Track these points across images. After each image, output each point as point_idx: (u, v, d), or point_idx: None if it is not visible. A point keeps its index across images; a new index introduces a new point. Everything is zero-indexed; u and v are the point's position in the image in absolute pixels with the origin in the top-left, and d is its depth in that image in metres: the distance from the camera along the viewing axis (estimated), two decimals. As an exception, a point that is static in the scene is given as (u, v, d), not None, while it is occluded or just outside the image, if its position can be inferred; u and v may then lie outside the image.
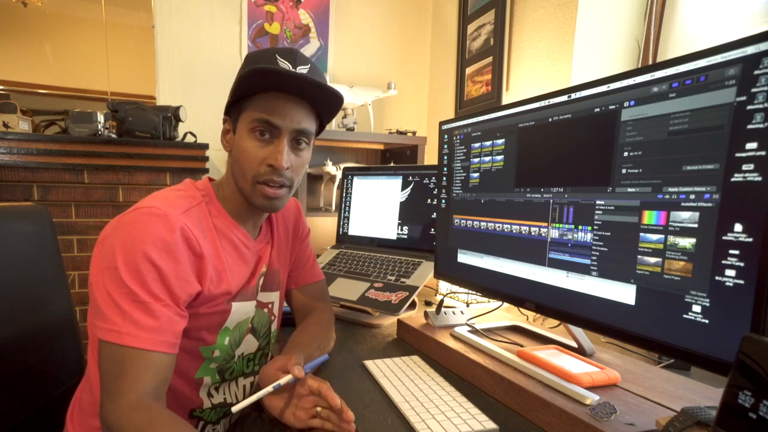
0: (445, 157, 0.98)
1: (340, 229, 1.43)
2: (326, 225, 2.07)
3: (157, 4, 1.76)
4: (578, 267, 0.67)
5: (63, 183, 1.43)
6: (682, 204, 0.53)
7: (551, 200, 0.71)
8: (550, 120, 0.71)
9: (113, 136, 1.52)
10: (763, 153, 0.45)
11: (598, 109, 0.64)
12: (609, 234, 0.62)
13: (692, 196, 0.52)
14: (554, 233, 0.71)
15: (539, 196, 0.73)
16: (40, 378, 0.79)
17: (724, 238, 0.48)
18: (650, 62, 1.30)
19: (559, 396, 0.59)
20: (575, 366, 0.66)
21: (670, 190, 0.54)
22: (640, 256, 0.58)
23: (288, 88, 0.65)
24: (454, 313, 0.94)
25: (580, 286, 0.67)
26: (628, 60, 1.35)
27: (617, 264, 0.61)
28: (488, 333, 0.86)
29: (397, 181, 1.29)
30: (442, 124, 0.99)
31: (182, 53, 1.81)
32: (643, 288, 0.57)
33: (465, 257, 0.92)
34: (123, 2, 1.73)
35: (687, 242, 0.52)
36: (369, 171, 1.39)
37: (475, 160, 0.88)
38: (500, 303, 0.95)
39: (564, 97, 0.69)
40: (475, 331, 0.85)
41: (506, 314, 1.03)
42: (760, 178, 0.45)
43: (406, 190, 1.27)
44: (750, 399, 0.35)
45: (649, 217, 0.56)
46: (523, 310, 1.06)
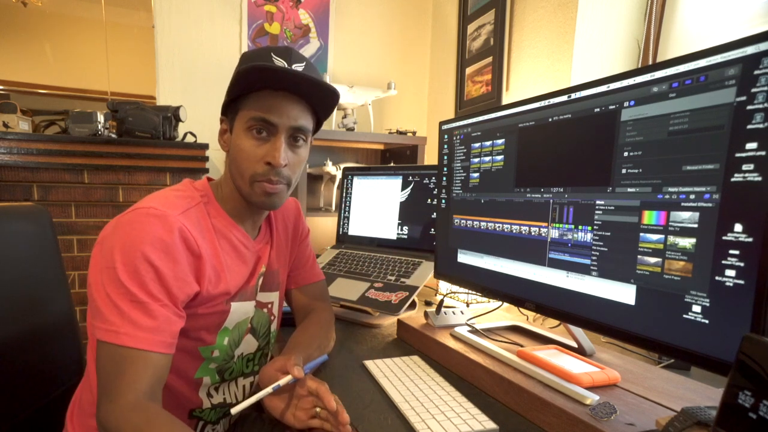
0: (445, 157, 0.98)
1: (340, 229, 1.43)
2: (326, 225, 2.07)
3: (157, 4, 1.76)
4: (578, 267, 0.67)
5: (63, 183, 1.43)
6: (682, 204, 0.53)
7: (551, 200, 0.71)
8: (550, 120, 0.71)
9: (113, 136, 1.52)
10: (763, 153, 0.45)
11: (598, 109, 0.64)
12: (609, 234, 0.62)
13: (692, 196, 0.52)
14: (554, 233, 0.71)
15: (539, 196, 0.73)
16: (40, 378, 0.79)
17: (724, 238, 0.48)
18: (650, 62, 1.30)
19: (559, 396, 0.59)
20: (575, 366, 0.66)
21: (670, 190, 0.54)
22: (640, 256, 0.58)
23: (284, 86, 0.65)
24: (454, 313, 0.94)
25: (580, 286, 0.67)
26: (628, 60, 1.35)
27: (617, 264, 0.61)
28: (488, 333, 0.86)
29: (397, 181, 1.29)
30: (442, 124, 0.99)
31: (182, 53, 1.81)
32: (643, 288, 0.57)
33: (465, 257, 0.92)
34: (123, 2, 1.73)
35: (687, 242, 0.52)
36: (369, 171, 1.39)
37: (475, 160, 0.88)
38: (500, 303, 0.95)
39: (564, 97, 0.69)
40: (475, 331, 0.85)
41: (506, 314, 1.03)
42: (760, 178, 0.45)
43: (406, 190, 1.27)
44: (750, 399, 0.35)
45: (649, 217, 0.56)
46: (523, 310, 1.06)
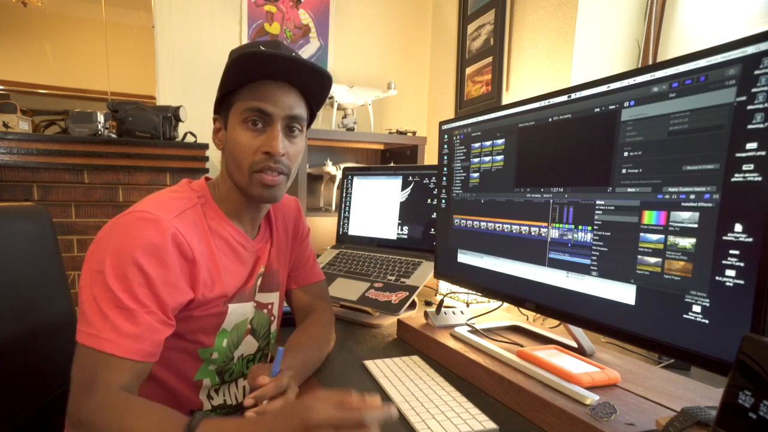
0: (445, 157, 0.98)
1: (340, 229, 1.43)
2: (326, 225, 2.07)
3: (157, 4, 1.76)
4: (578, 267, 0.67)
5: (63, 183, 1.43)
6: (682, 204, 0.53)
7: (551, 200, 0.71)
8: (550, 120, 0.71)
9: (113, 136, 1.52)
10: (763, 153, 0.45)
11: (598, 109, 0.64)
12: (609, 234, 0.62)
13: (692, 196, 0.52)
14: (554, 233, 0.71)
15: (539, 196, 0.73)
16: (40, 378, 0.79)
17: (724, 238, 0.48)
18: (650, 62, 1.30)
19: (559, 396, 0.59)
20: (575, 366, 0.66)
21: (670, 190, 0.54)
22: (640, 256, 0.58)
23: (275, 75, 0.65)
24: (454, 313, 0.94)
25: (580, 286, 0.67)
26: (628, 60, 1.35)
27: (617, 264, 0.61)
28: (488, 333, 0.86)
29: (397, 181, 1.29)
30: (442, 124, 0.99)
31: (182, 53, 1.81)
32: (643, 288, 0.57)
33: (465, 257, 0.92)
34: (123, 2, 1.73)
35: (687, 242, 0.52)
36: (369, 171, 1.39)
37: (475, 160, 0.88)
38: (500, 303, 0.95)
39: (564, 97, 0.69)
40: (475, 331, 0.85)
41: (506, 314, 1.03)
42: (760, 178, 0.45)
43: (406, 190, 1.27)
44: (750, 399, 0.35)
45: (649, 217, 0.56)
46: (523, 310, 1.06)
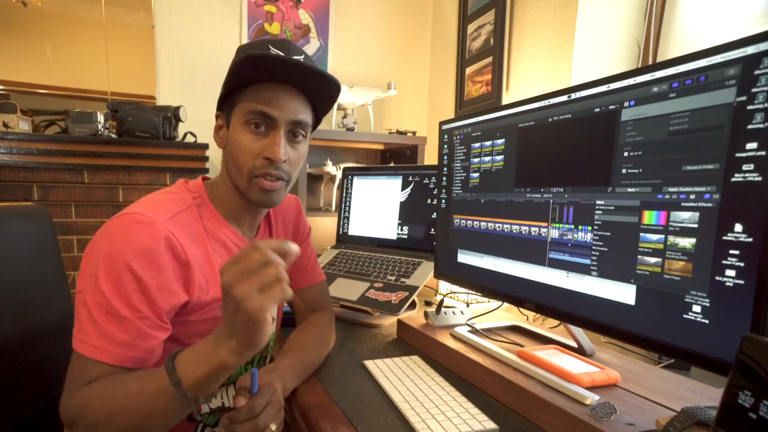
0: (445, 157, 0.98)
1: (340, 229, 1.43)
2: (326, 225, 2.07)
3: (157, 4, 1.76)
4: (578, 267, 0.67)
5: (63, 183, 1.43)
6: (682, 204, 0.53)
7: (551, 200, 0.71)
8: (550, 120, 0.71)
9: (113, 136, 1.52)
10: (763, 153, 0.45)
11: (598, 109, 0.64)
12: (609, 234, 0.62)
13: (692, 196, 0.52)
14: (554, 233, 0.71)
15: (539, 196, 0.73)
16: (40, 378, 0.79)
17: (724, 238, 0.48)
18: (650, 62, 1.30)
19: (559, 396, 0.59)
20: (575, 366, 0.66)
21: (670, 190, 0.54)
22: (640, 256, 0.58)
23: (282, 77, 0.63)
24: (454, 313, 0.94)
25: (580, 286, 0.67)
26: (628, 60, 1.35)
27: (617, 264, 0.61)
28: (488, 333, 0.86)
29: (397, 181, 1.29)
30: (442, 124, 0.99)
31: (182, 53, 1.81)
32: (643, 288, 0.57)
33: (465, 257, 0.92)
34: (123, 2, 1.73)
35: (687, 242, 0.52)
36: (369, 171, 1.39)
37: (475, 160, 0.88)
38: (500, 303, 0.95)
39: (564, 97, 0.69)
40: (475, 331, 0.85)
41: (506, 314, 1.03)
42: (760, 178, 0.45)
43: (406, 190, 1.27)
44: (750, 399, 0.35)
45: (649, 217, 0.56)
46: (523, 310, 1.06)
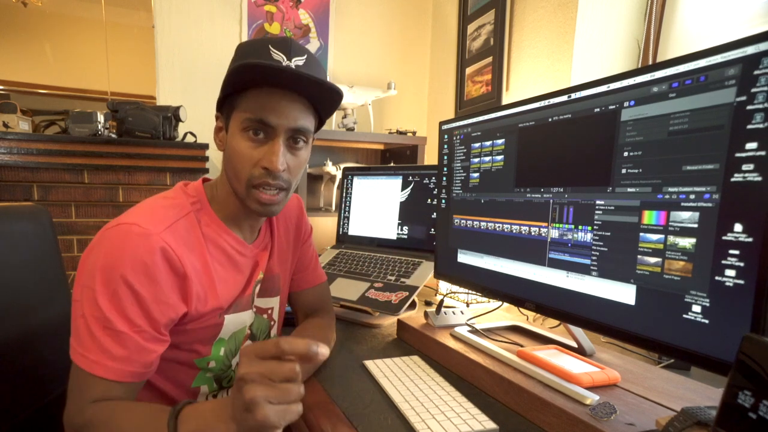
0: (445, 157, 0.98)
1: (340, 229, 1.43)
2: (326, 225, 2.07)
3: (157, 4, 1.76)
4: (578, 267, 0.67)
5: (63, 183, 1.43)
6: (682, 204, 0.53)
7: (551, 200, 0.71)
8: (550, 120, 0.71)
9: (113, 136, 1.52)
10: (763, 153, 0.45)
11: (598, 109, 0.64)
12: (609, 234, 0.62)
13: (692, 196, 0.52)
14: (554, 233, 0.71)
15: (539, 196, 0.73)
16: (40, 378, 0.79)
17: (724, 238, 0.48)
18: (650, 62, 1.30)
19: (559, 396, 0.59)
20: (575, 366, 0.66)
21: (670, 190, 0.54)
22: (640, 256, 0.58)
23: (283, 83, 0.61)
24: (454, 313, 0.94)
25: (580, 286, 0.67)
26: (628, 60, 1.35)
27: (617, 264, 0.61)
28: (488, 333, 0.86)
29: (397, 181, 1.29)
30: (442, 124, 0.99)
31: (182, 53, 1.81)
32: (643, 288, 0.57)
33: (465, 257, 0.92)
34: (123, 2, 1.73)
35: (687, 242, 0.52)
36: (369, 171, 1.39)
37: (475, 160, 0.88)
38: (500, 303, 0.95)
39: (564, 97, 0.69)
40: (475, 331, 0.85)
41: (506, 314, 1.03)
42: (760, 178, 0.45)
43: (406, 190, 1.27)
44: (750, 399, 0.35)
45: (649, 217, 0.56)
46: (523, 310, 1.06)
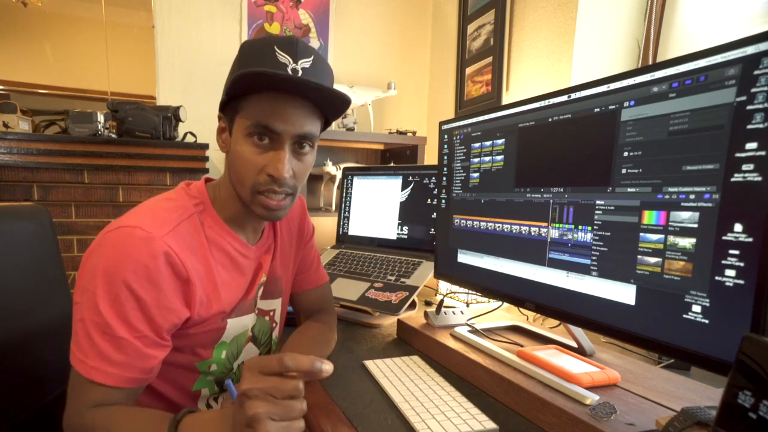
0: (445, 157, 0.98)
1: (340, 229, 1.43)
2: (326, 225, 2.06)
3: (157, 4, 1.76)
4: (578, 267, 0.67)
5: (63, 183, 1.43)
6: (682, 204, 0.53)
7: (551, 200, 0.71)
8: (550, 120, 0.71)
9: (113, 136, 1.52)
10: (763, 153, 0.45)
11: (598, 109, 0.64)
12: (609, 234, 0.62)
13: (692, 196, 0.52)
14: (554, 233, 0.71)
15: (539, 196, 0.73)
16: (40, 378, 0.79)
17: (724, 238, 0.48)
18: (650, 62, 1.30)
19: (559, 396, 0.59)
20: (575, 366, 0.66)
21: (670, 190, 0.54)
22: (640, 256, 0.58)
23: (288, 89, 0.59)
24: (454, 313, 0.94)
25: (580, 286, 0.67)
26: (628, 60, 1.35)
27: (617, 264, 0.61)
28: (488, 333, 0.86)
29: (397, 181, 1.29)
30: (442, 124, 0.99)
31: (182, 53, 1.81)
32: (643, 288, 0.57)
33: (465, 257, 0.92)
34: (123, 2, 1.73)
35: (687, 242, 0.52)
36: (369, 171, 1.39)
37: (475, 160, 0.88)
38: (500, 303, 0.95)
39: (564, 97, 0.69)
40: (475, 331, 0.85)
41: (506, 314, 1.03)
42: (760, 178, 0.45)
43: (406, 190, 1.27)
44: (750, 399, 0.35)
45: (649, 217, 0.56)
46: (523, 310, 1.06)
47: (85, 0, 1.69)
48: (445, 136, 0.98)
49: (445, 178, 0.98)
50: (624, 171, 0.59)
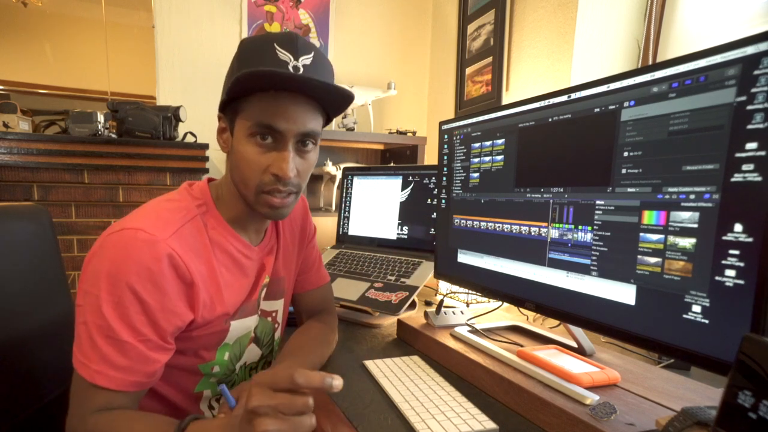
0: (445, 157, 0.98)
1: (340, 229, 1.43)
2: (326, 225, 2.06)
3: (157, 4, 1.76)
4: (578, 267, 0.67)
5: (63, 183, 1.43)
6: (682, 204, 0.53)
7: (551, 200, 0.71)
8: (550, 120, 0.71)
9: (113, 136, 1.52)
10: (763, 153, 0.45)
11: (598, 109, 0.64)
12: (609, 234, 0.62)
13: (692, 196, 0.52)
14: (554, 233, 0.71)
15: (539, 196, 0.73)
16: (40, 378, 0.79)
17: (724, 238, 0.48)
18: (650, 62, 1.30)
19: (559, 396, 0.59)
20: (575, 366, 0.66)
21: (670, 190, 0.54)
22: (640, 256, 0.58)
23: (291, 87, 0.58)
24: (454, 313, 0.94)
25: (580, 286, 0.67)
26: (628, 60, 1.35)
27: (617, 264, 0.61)
28: (488, 333, 0.86)
29: (397, 181, 1.29)
30: (442, 124, 0.99)
31: (182, 53, 1.81)
32: (643, 288, 0.57)
33: (465, 257, 0.92)
34: (123, 2, 1.73)
35: (687, 242, 0.52)
36: (369, 171, 1.39)
37: (475, 160, 0.88)
38: (500, 303, 0.95)
39: (564, 97, 0.69)
40: (475, 331, 0.85)
41: (506, 314, 1.03)
42: (760, 178, 0.45)
43: (406, 190, 1.27)
44: (750, 399, 0.35)
45: (649, 217, 0.56)
46: (523, 310, 1.06)
47: (85, 0, 1.70)
48: (445, 136, 0.98)
49: (445, 178, 0.98)
50: (624, 171, 0.59)
